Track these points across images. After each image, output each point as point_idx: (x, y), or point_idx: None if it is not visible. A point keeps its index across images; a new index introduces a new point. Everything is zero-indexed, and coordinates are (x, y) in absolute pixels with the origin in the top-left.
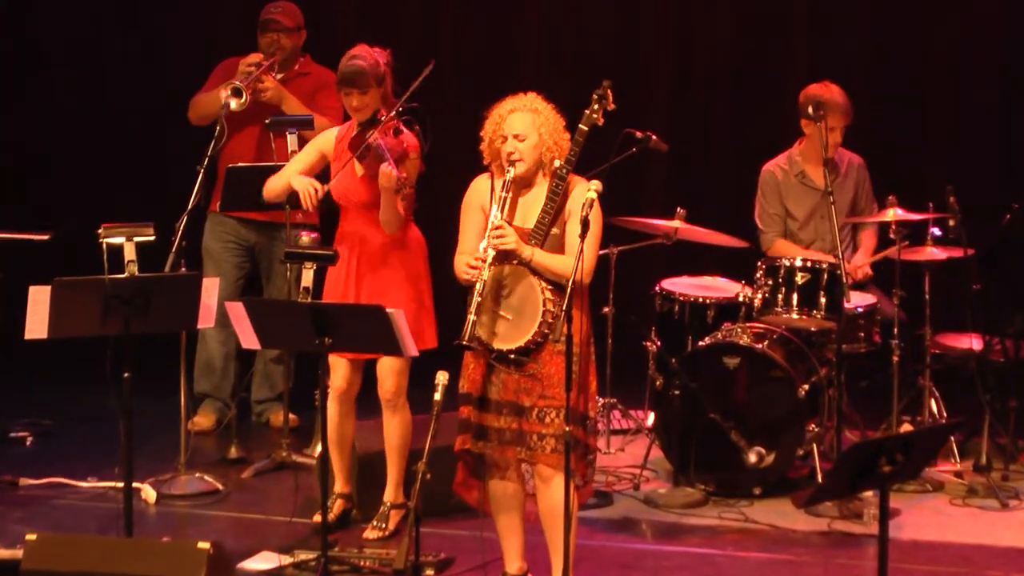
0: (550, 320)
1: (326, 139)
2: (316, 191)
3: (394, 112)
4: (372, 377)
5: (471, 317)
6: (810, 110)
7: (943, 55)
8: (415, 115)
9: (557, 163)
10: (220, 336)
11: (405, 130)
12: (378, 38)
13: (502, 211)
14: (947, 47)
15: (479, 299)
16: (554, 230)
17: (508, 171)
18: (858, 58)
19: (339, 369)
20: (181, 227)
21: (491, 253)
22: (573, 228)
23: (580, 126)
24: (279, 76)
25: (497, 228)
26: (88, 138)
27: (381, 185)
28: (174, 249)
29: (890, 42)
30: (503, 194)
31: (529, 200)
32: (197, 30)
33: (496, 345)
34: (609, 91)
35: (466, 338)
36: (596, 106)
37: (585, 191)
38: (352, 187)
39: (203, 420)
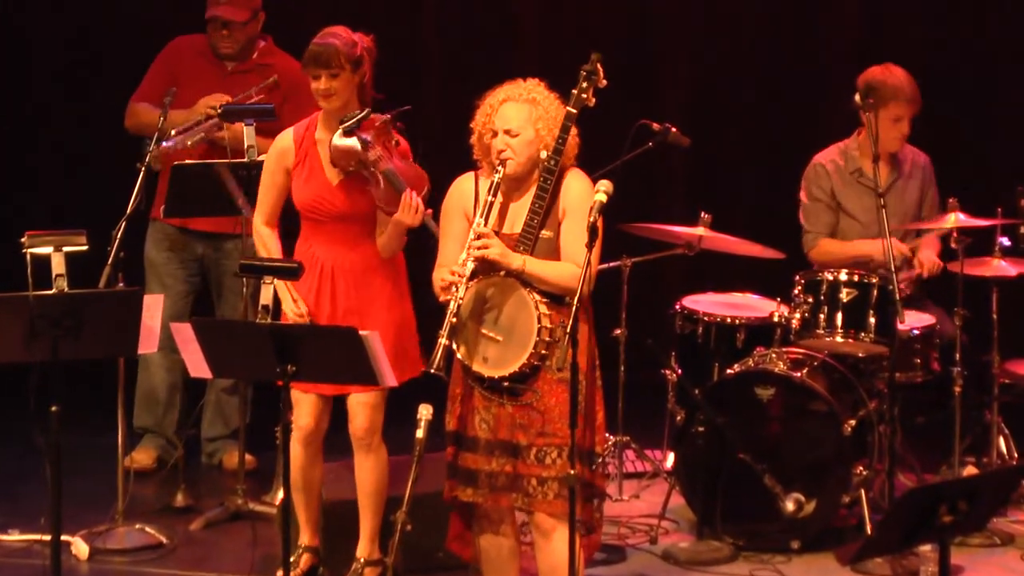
0: (547, 339)
1: (283, 149)
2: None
3: (388, 118)
4: (340, 413)
5: (442, 341)
6: (857, 98)
7: (1011, 33)
8: (410, 118)
9: (544, 154)
10: (165, 363)
11: (401, 140)
12: (352, 15)
13: (487, 218)
14: (1015, 25)
15: (454, 320)
16: (545, 232)
17: (497, 171)
18: (913, 38)
19: (305, 405)
20: (119, 235)
21: (470, 266)
22: (570, 229)
23: (568, 109)
24: (230, 67)
25: (479, 237)
26: (9, 132)
27: (399, 219)
28: (110, 261)
29: (950, 21)
30: (489, 198)
31: (521, 206)
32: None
33: (486, 372)
34: (599, 65)
35: (435, 365)
36: (585, 84)
37: (580, 182)
38: (325, 197)
39: (142, 457)
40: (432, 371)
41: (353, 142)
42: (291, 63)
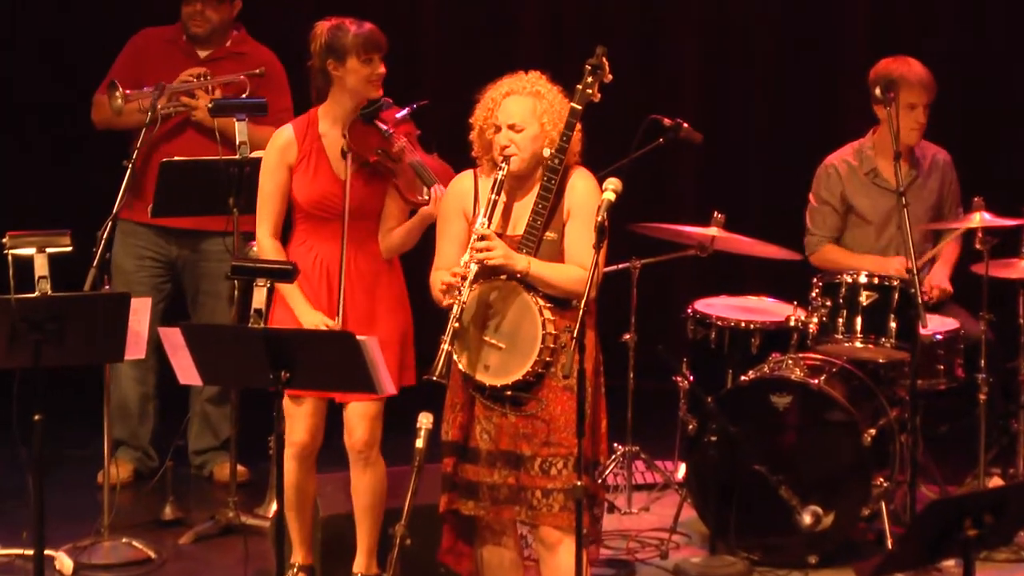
0: (551, 345)
1: (284, 144)
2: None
3: (408, 110)
4: (335, 422)
5: (445, 347)
6: (877, 91)
7: None
8: (419, 115)
9: (547, 152)
10: (135, 372)
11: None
12: (345, 6)
13: (490, 218)
14: None
15: (456, 325)
16: (549, 234)
17: (500, 168)
18: (936, 29)
19: (300, 420)
20: (104, 235)
21: (473, 269)
22: (575, 230)
23: (573, 105)
24: (203, 55)
25: (482, 239)
26: None
27: (430, 212)
28: (95, 262)
29: (973, 13)
30: (492, 196)
31: (524, 205)
32: None
33: (488, 381)
34: (604, 59)
35: (438, 371)
36: (590, 79)
37: (586, 181)
38: (336, 193)
39: (118, 469)
40: (435, 378)
41: (372, 131)
42: (266, 54)
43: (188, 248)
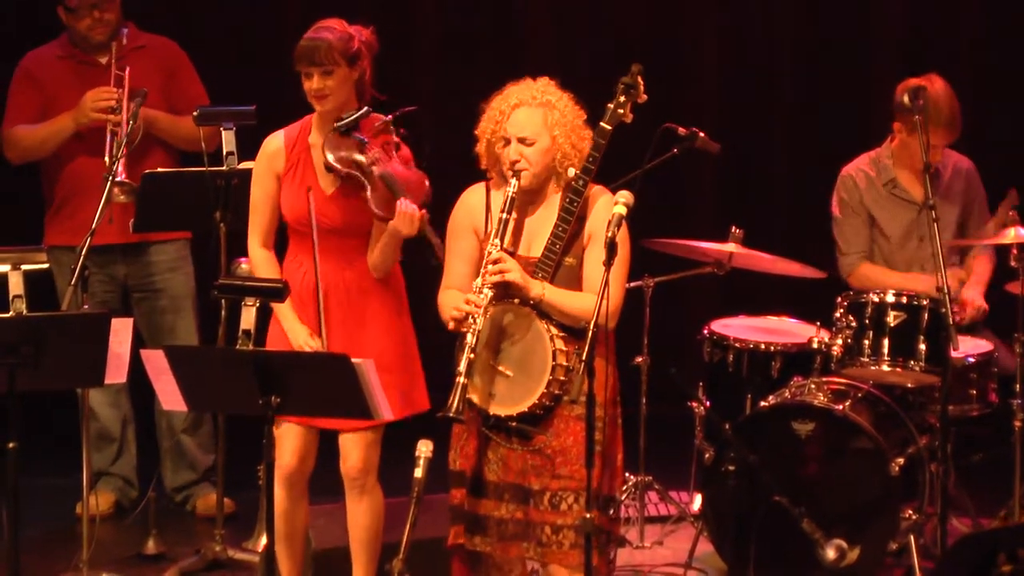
0: (561, 377)
1: (272, 152)
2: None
3: (390, 118)
4: (330, 449)
5: (460, 380)
6: (906, 99)
7: None
8: (413, 120)
9: (572, 172)
10: (107, 397)
11: (403, 145)
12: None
13: (502, 237)
14: None
15: (472, 356)
16: (568, 259)
17: (510, 184)
18: (965, 36)
19: (287, 441)
20: (84, 251)
21: (488, 294)
22: (595, 256)
23: (602, 124)
24: (105, 60)
25: (496, 260)
26: None
27: (395, 227)
28: (74, 280)
29: (1005, 16)
30: (503, 215)
31: (538, 222)
32: None
33: (493, 410)
34: (640, 79)
35: (454, 408)
36: (623, 98)
37: (611, 205)
38: (317, 207)
39: (99, 501)
40: (451, 415)
41: (348, 142)
42: (164, 41)
43: (136, 263)
